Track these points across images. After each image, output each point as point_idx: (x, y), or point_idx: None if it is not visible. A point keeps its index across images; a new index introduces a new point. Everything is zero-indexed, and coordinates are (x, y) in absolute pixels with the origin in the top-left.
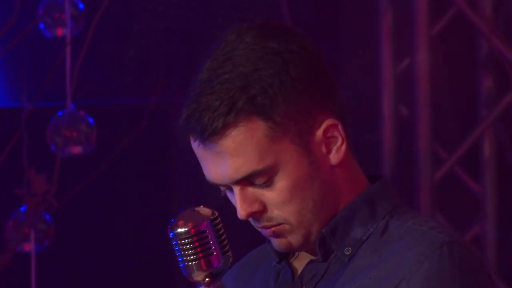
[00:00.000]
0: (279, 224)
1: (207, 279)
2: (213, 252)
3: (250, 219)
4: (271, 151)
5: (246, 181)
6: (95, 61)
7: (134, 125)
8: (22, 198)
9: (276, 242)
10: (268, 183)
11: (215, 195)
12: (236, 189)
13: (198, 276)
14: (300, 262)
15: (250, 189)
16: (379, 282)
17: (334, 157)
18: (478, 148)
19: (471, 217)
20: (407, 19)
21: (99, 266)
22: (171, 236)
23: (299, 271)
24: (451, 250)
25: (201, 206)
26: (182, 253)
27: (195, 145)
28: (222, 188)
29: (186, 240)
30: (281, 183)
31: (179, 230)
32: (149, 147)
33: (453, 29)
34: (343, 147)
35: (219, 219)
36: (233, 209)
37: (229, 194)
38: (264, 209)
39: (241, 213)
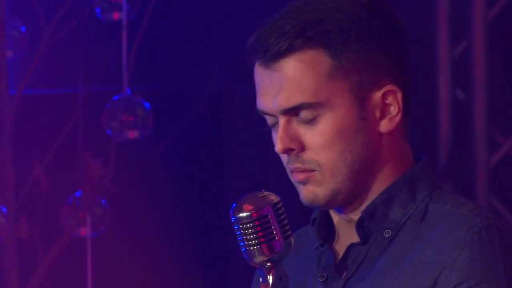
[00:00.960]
0: (312, 170)
1: (268, 264)
2: (275, 237)
3: (285, 159)
4: (327, 89)
5: (294, 113)
6: (151, 45)
7: (190, 109)
8: (78, 183)
9: (304, 191)
10: (313, 122)
11: (274, 179)
12: (282, 120)
13: (260, 260)
14: (342, 246)
15: (294, 125)
16: (421, 269)
17: (385, 125)
18: None
19: None
20: (464, 2)
21: (155, 251)
22: (233, 221)
23: (341, 254)
24: (490, 234)
25: (263, 191)
26: (244, 237)
27: (257, 67)
28: (269, 122)
29: (248, 225)
30: (326, 125)
31: (241, 214)
32: (205, 132)
33: (509, 13)
34: (397, 118)
35: (281, 203)
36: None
37: (273, 134)
38: (302, 149)
39: (279, 146)
